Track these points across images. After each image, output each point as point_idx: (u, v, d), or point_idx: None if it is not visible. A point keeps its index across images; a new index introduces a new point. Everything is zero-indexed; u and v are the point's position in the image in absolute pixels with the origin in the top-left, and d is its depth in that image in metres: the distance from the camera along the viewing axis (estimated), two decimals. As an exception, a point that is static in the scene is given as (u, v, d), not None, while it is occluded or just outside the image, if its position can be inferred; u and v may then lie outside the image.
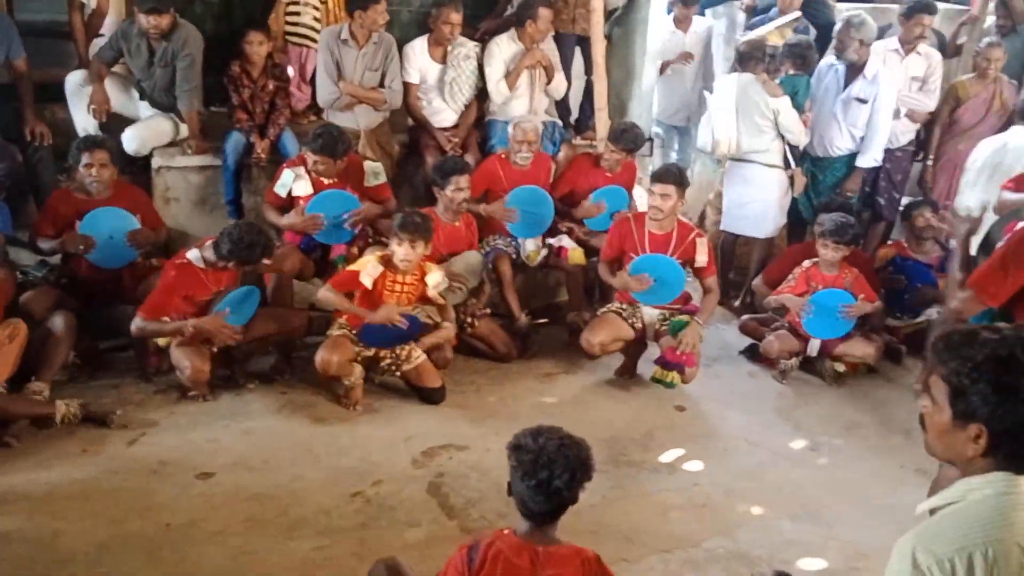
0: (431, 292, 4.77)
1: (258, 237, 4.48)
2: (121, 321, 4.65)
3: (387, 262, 4.67)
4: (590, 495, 3.89)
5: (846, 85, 6.01)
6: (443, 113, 6.00)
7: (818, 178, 6.23)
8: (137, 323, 4.47)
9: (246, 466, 4.11)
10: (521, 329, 5.50)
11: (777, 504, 4.12)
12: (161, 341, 4.61)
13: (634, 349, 5.23)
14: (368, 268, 4.63)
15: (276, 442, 4.33)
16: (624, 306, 5.15)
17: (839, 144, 6.11)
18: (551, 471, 2.34)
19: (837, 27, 6.07)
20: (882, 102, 5.95)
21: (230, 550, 3.51)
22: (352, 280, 4.63)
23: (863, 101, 5.95)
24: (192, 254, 4.51)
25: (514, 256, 5.58)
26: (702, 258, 5.10)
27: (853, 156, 6.12)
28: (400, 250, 4.59)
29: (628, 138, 5.67)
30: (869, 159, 6.10)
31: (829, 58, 6.29)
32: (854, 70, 5.99)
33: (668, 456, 4.49)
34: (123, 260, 4.87)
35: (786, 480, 4.35)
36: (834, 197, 5.92)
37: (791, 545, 3.82)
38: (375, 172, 5.33)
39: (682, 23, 7.34)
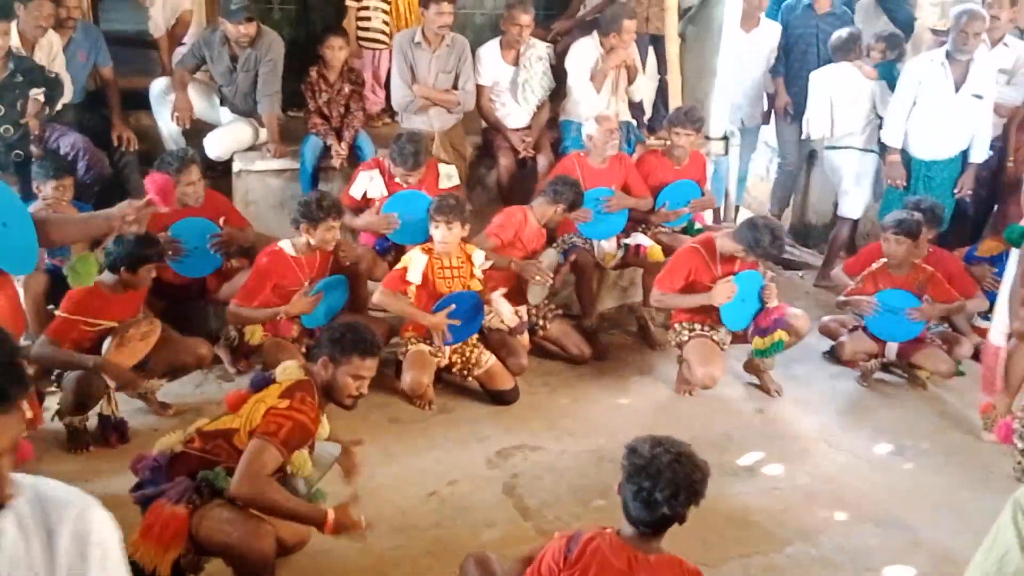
0: (477, 272, 4.78)
1: (327, 199, 4.60)
2: (205, 321, 4.75)
3: (430, 251, 4.69)
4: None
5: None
6: (516, 114, 6.01)
7: (933, 181, 6.10)
8: (231, 309, 4.59)
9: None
10: (593, 328, 5.47)
11: (860, 508, 4.01)
12: (254, 340, 4.67)
13: None
14: (412, 262, 4.66)
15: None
16: (705, 328, 4.95)
17: (953, 143, 6.00)
18: (655, 482, 2.30)
19: (952, 21, 5.86)
20: (990, 95, 5.92)
21: (307, 548, 3.55)
22: (400, 279, 4.66)
23: (980, 97, 5.84)
24: (284, 243, 4.61)
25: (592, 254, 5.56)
26: None
27: (963, 154, 6.04)
28: (437, 233, 4.61)
29: (691, 116, 5.63)
30: (982, 154, 6.03)
31: (929, 55, 6.14)
32: (958, 66, 5.84)
33: (747, 459, 4.41)
34: (208, 268, 4.95)
35: (869, 484, 4.23)
36: (924, 197, 5.75)
37: (875, 551, 3.71)
38: (449, 175, 5.36)
39: (747, 22, 7.09)
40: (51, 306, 4.41)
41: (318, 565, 3.47)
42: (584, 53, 5.96)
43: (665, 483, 2.29)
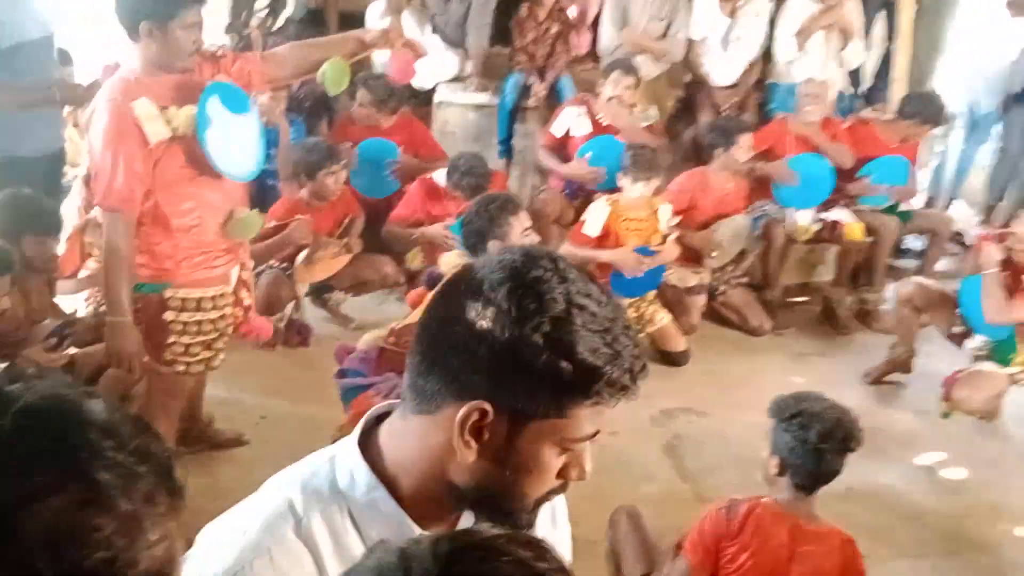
0: (662, 227, 4.64)
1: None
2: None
3: (614, 203, 4.59)
4: (835, 484, 3.76)
5: None
6: (723, 71, 5.79)
7: None
8: (386, 227, 4.70)
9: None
10: (776, 302, 5.26)
11: (1049, 527, 3.71)
12: (413, 264, 4.73)
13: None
14: (592, 214, 4.56)
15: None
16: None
17: None
18: (825, 437, 2.23)
19: None
20: None
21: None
22: (580, 233, 4.60)
23: None
24: (438, 174, 4.65)
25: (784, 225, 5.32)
26: None
27: None
28: (634, 188, 4.51)
29: (929, 111, 5.22)
30: None
31: None
32: None
33: (927, 459, 4.15)
34: (386, 190, 5.04)
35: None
36: None
37: (1061, 574, 3.43)
38: (647, 115, 5.22)
39: None
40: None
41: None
42: (798, 9, 5.65)
43: (836, 438, 2.28)
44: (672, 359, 4.72)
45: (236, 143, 2.73)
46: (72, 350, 3.43)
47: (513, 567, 0.80)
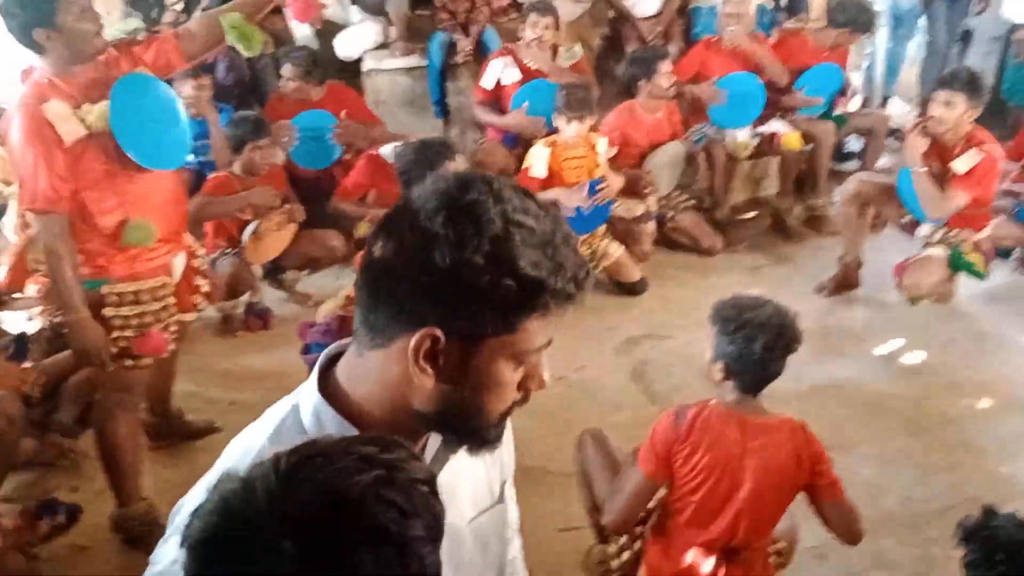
0: (601, 160, 4.70)
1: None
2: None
3: (552, 144, 4.63)
4: (796, 384, 3.87)
5: None
6: (645, 2, 5.81)
7: None
8: (334, 202, 4.69)
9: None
10: (725, 220, 5.34)
11: (1010, 397, 3.84)
12: (359, 232, 4.73)
13: None
14: (534, 157, 4.60)
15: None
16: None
17: None
18: (754, 339, 2.26)
19: None
20: None
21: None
22: (528, 179, 4.63)
23: None
24: (385, 149, 4.63)
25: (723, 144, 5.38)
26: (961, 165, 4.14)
27: None
28: (570, 128, 4.54)
29: (862, 20, 5.28)
30: None
31: None
32: None
33: (885, 348, 4.26)
34: (326, 160, 5.02)
35: (1022, 374, 4.02)
36: None
37: (1020, 438, 3.55)
38: (571, 52, 5.23)
39: None
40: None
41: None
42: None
43: (765, 338, 2.24)
44: (630, 289, 4.79)
45: (156, 133, 2.72)
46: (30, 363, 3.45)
47: (358, 462, 0.83)
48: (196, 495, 1.06)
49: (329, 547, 0.79)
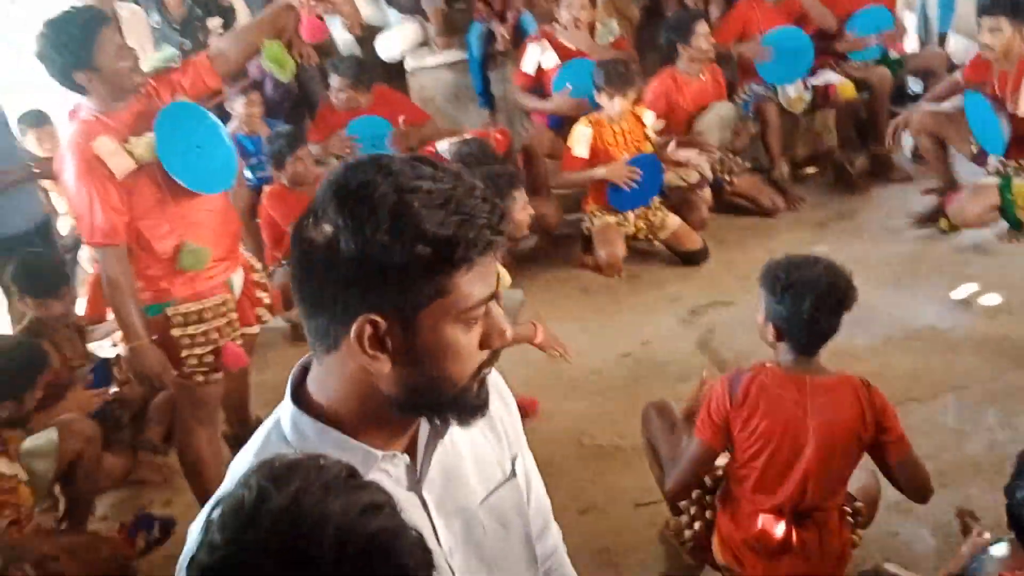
0: (649, 132, 4.66)
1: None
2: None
3: (595, 122, 4.61)
4: (870, 336, 3.79)
5: None
6: (683, -34, 5.73)
7: None
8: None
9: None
10: (784, 179, 5.24)
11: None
12: None
13: None
14: (577, 138, 4.60)
15: (544, 312, 4.46)
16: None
17: None
18: (802, 298, 2.22)
19: None
20: None
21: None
22: (573, 159, 4.62)
23: None
24: (441, 145, 4.67)
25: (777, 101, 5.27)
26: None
27: None
28: (613, 105, 4.51)
29: None
30: None
31: None
32: None
33: (961, 292, 4.14)
34: None
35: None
36: None
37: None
38: (610, 31, 5.19)
39: None
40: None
41: (530, 424, 3.59)
42: None
43: (812, 297, 2.20)
44: (691, 258, 4.75)
45: (202, 158, 2.82)
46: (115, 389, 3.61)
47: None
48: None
49: None
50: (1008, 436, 3.21)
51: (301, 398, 1.12)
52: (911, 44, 5.97)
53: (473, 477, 1.22)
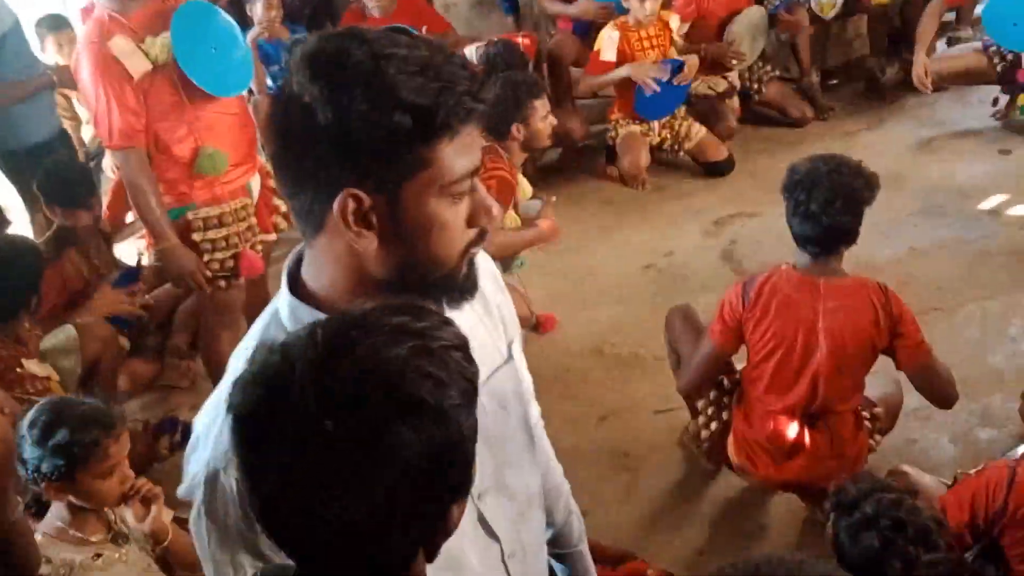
0: (676, 37, 4.56)
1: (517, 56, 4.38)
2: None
3: (622, 26, 4.50)
4: (895, 246, 3.75)
5: None
6: None
7: None
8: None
9: (544, 250, 4.24)
10: (814, 88, 5.12)
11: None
12: None
13: None
14: (605, 41, 4.50)
15: (568, 224, 4.44)
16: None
17: None
18: (809, 193, 2.20)
19: None
20: None
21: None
22: (599, 63, 4.52)
23: None
24: (468, 51, 4.58)
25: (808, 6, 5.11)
26: None
27: None
28: (640, 7, 4.39)
29: None
30: None
31: None
32: None
33: (989, 203, 4.07)
34: None
35: None
36: None
37: None
38: None
39: None
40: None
41: (549, 334, 3.63)
42: None
43: (822, 192, 2.18)
44: (717, 169, 4.68)
45: (218, 60, 2.78)
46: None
47: (393, 334, 0.84)
48: (212, 405, 1.10)
49: (370, 424, 0.81)
50: (1031, 347, 3.19)
51: (297, 286, 1.09)
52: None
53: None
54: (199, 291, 2.98)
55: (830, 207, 2.19)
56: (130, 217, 3.87)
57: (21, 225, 4.13)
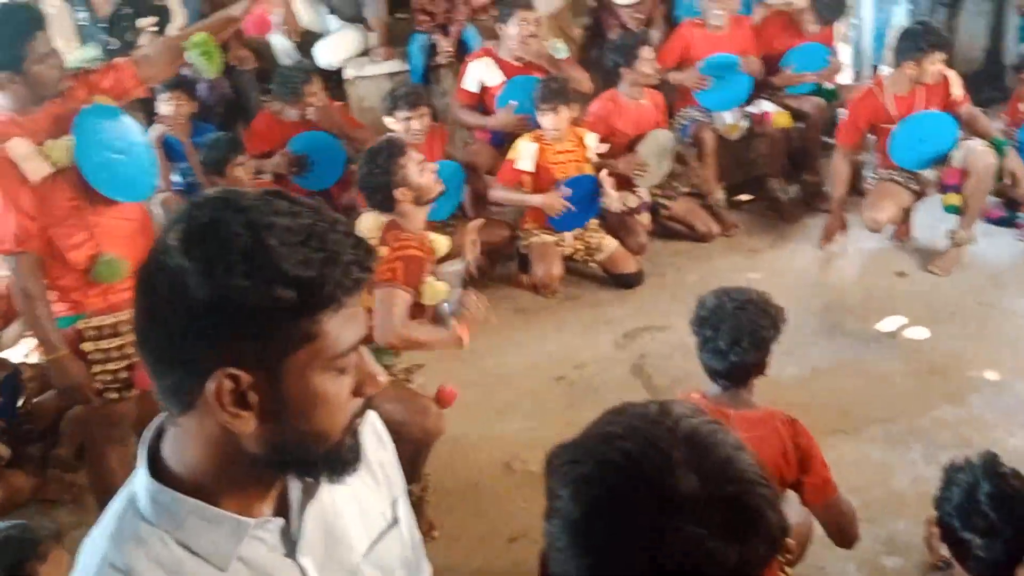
0: (590, 154, 4.65)
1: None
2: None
3: (539, 138, 4.59)
4: (799, 365, 3.82)
5: None
6: (625, -12, 5.74)
7: None
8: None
9: (453, 355, 4.19)
10: (720, 204, 5.28)
11: (1016, 367, 3.76)
12: None
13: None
14: (521, 151, 4.57)
15: (481, 332, 4.39)
16: (895, 172, 4.68)
17: None
18: (716, 331, 2.22)
19: None
20: None
21: (444, 435, 3.63)
22: (512, 171, 4.59)
23: None
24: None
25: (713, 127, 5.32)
26: (957, 91, 4.57)
27: None
28: (546, 120, 4.50)
29: (833, 9, 5.27)
30: None
31: None
32: None
33: (888, 324, 4.19)
34: (331, 180, 4.95)
35: (1024, 340, 3.96)
36: None
37: (1031, 408, 3.49)
38: (556, 48, 5.15)
39: None
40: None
41: (457, 448, 3.53)
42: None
43: (728, 330, 2.20)
44: (626, 281, 4.74)
45: (122, 165, 2.69)
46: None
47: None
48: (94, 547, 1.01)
49: None
50: (933, 473, 3.19)
51: (156, 467, 1.01)
52: (846, 76, 6.08)
53: (353, 530, 1.12)
54: (85, 404, 2.82)
55: (736, 346, 2.20)
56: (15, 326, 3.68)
57: None
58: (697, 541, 0.78)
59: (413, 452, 2.93)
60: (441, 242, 3.28)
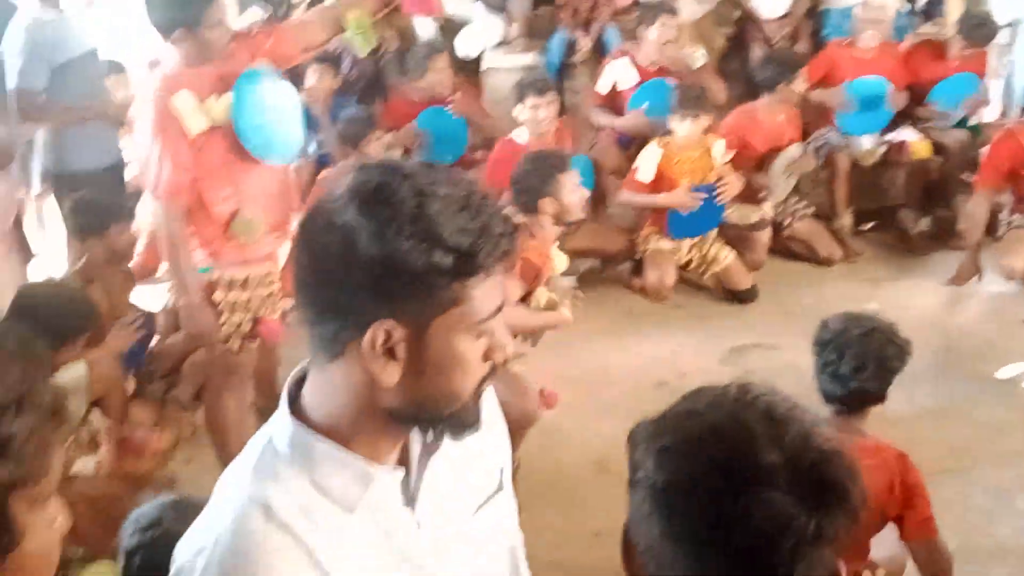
0: (716, 162, 4.61)
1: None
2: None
3: (666, 144, 4.57)
4: (910, 402, 3.71)
5: None
6: (773, 2, 5.66)
7: None
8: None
9: (557, 352, 4.25)
10: (845, 230, 5.16)
11: None
12: None
13: None
14: (645, 159, 4.57)
15: (586, 328, 4.39)
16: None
17: None
18: (840, 355, 2.19)
19: None
20: None
21: (539, 426, 3.68)
22: (634, 181, 4.60)
23: None
24: (517, 132, 4.57)
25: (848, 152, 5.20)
26: None
27: None
28: (683, 126, 4.47)
29: (980, 33, 5.07)
30: None
31: None
32: None
33: (1007, 371, 4.04)
34: (450, 159, 5.04)
35: None
36: None
37: None
38: (696, 56, 5.14)
39: None
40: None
41: (551, 441, 3.59)
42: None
43: (852, 356, 2.17)
44: (739, 297, 4.70)
45: (273, 128, 2.84)
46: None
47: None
48: (201, 540, 1.05)
49: None
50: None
51: (297, 410, 1.08)
52: (993, 112, 5.85)
53: (465, 489, 1.19)
54: (209, 350, 2.99)
55: (859, 373, 2.18)
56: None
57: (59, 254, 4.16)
58: (777, 508, 0.82)
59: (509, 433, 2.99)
60: (561, 259, 3.43)
